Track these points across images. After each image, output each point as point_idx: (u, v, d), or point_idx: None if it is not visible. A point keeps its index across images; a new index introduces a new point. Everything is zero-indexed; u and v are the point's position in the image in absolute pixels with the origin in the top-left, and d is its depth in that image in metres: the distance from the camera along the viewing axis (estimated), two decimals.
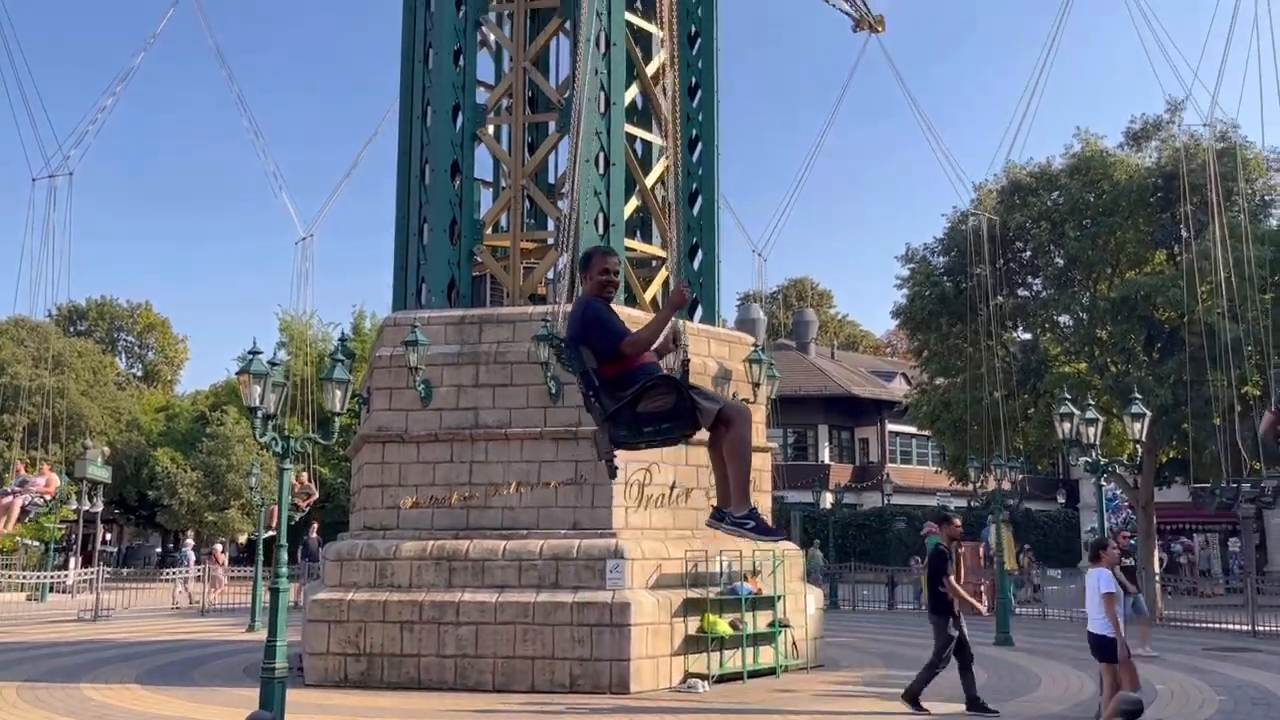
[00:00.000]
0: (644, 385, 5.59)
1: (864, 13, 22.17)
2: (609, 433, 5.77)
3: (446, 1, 15.70)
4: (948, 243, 28.74)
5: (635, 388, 5.57)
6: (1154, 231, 26.13)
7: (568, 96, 15.59)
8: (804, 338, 58.14)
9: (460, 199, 15.61)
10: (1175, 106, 26.66)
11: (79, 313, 63.20)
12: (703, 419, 5.53)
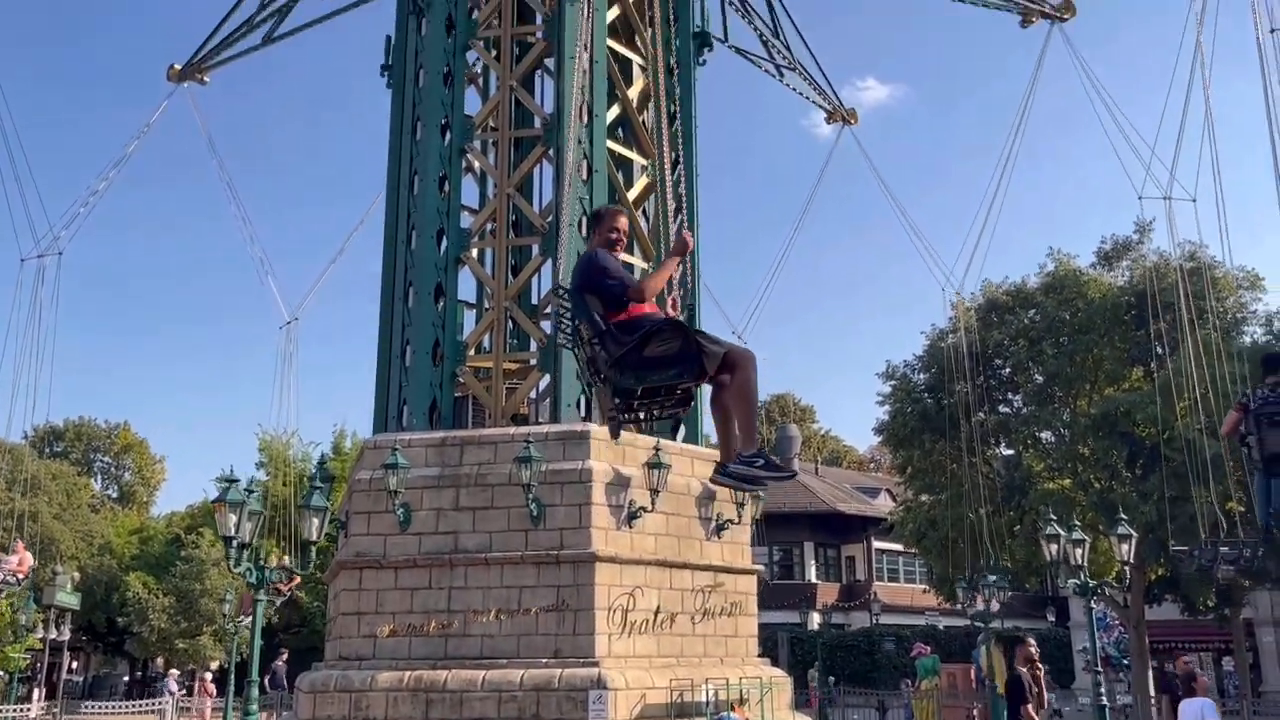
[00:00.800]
0: (651, 328, 5.63)
1: (836, 105, 23.00)
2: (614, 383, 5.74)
3: (432, 130, 16.08)
4: (928, 360, 29.04)
5: (643, 330, 5.61)
6: (1130, 349, 26.49)
7: (551, 221, 15.85)
8: (787, 453, 57.88)
9: (443, 321, 15.68)
10: (1144, 228, 27.40)
11: (56, 434, 62.53)
12: (708, 362, 5.56)
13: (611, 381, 5.78)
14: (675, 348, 5.62)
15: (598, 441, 14.15)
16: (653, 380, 5.72)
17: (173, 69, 21.38)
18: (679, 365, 5.64)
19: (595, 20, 15.83)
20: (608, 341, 5.70)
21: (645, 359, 5.65)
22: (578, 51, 14.02)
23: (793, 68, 21.90)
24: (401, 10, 17.33)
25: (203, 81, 21.58)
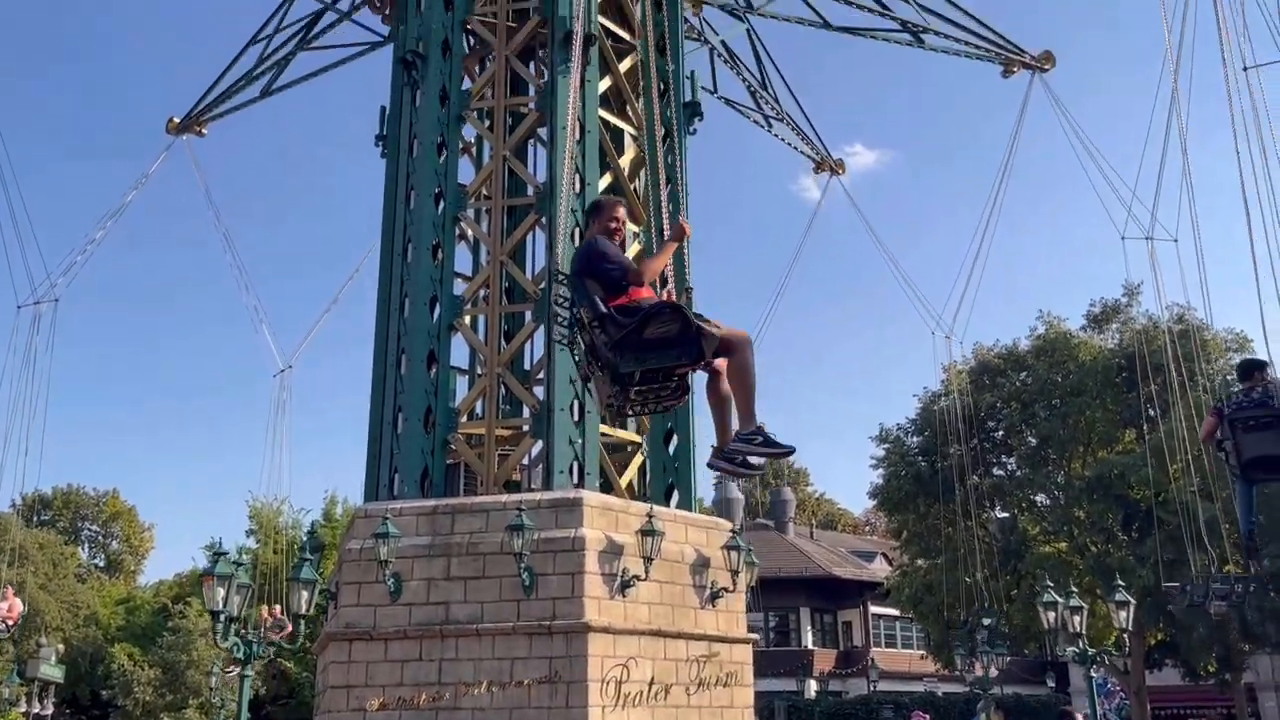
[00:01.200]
0: (651, 310, 5.72)
1: (824, 155, 23.39)
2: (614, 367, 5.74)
3: (426, 199, 16.23)
4: (921, 422, 29.05)
5: (643, 313, 5.67)
6: (1122, 411, 26.55)
7: (544, 287, 15.92)
8: (782, 517, 57.63)
9: (436, 388, 15.66)
10: (1132, 290, 27.64)
11: (44, 502, 61.92)
12: (707, 344, 5.66)
13: (611, 366, 5.83)
14: (675, 330, 5.69)
15: (590, 509, 14.05)
16: (652, 362, 5.75)
17: (171, 122, 21.68)
18: (678, 347, 5.70)
19: (587, 91, 16.09)
20: (608, 325, 5.77)
21: (645, 341, 5.70)
22: (570, 122, 14.22)
23: (780, 118, 22.34)
24: (396, 82, 17.60)
25: (201, 133, 21.89)
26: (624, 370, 5.77)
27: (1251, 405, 10.43)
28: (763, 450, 5.86)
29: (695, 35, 20.60)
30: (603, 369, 5.93)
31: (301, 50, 20.91)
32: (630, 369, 5.77)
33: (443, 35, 16.52)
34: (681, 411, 17.26)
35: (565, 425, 14.74)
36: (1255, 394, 10.50)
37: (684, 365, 5.80)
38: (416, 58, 16.35)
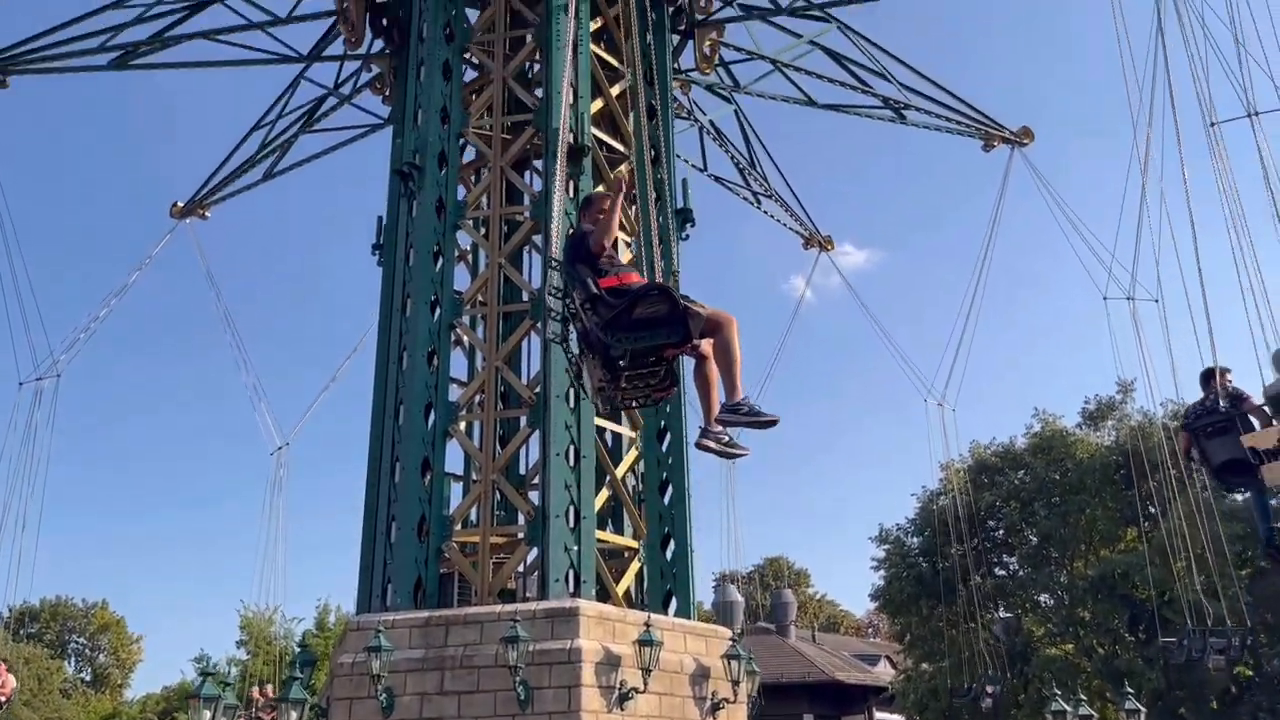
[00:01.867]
0: (640, 291, 6.04)
1: (813, 231, 23.83)
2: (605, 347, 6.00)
3: (422, 306, 16.36)
4: (920, 522, 28.81)
5: (632, 293, 6.00)
6: (1122, 509, 26.36)
7: (538, 392, 15.95)
8: (783, 620, 56.51)
9: (430, 495, 15.54)
10: (1125, 387, 27.73)
11: (31, 614, 60.70)
12: (694, 323, 5.95)
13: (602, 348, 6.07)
14: (663, 310, 5.99)
15: (587, 618, 13.80)
16: (642, 341, 5.99)
17: (175, 206, 22.17)
18: (667, 326, 5.97)
19: (580, 200, 16.37)
20: (599, 305, 6.09)
21: (635, 320, 5.98)
22: (565, 229, 14.42)
23: (769, 195, 22.92)
24: (393, 193, 17.92)
25: (204, 217, 22.37)
26: (615, 350, 5.98)
27: (1205, 413, 10.70)
28: (747, 420, 6.03)
29: (685, 114, 21.25)
30: (595, 353, 6.15)
31: (303, 133, 21.59)
32: (621, 348, 5.98)
33: (439, 147, 16.89)
34: (679, 515, 17.12)
35: (561, 532, 14.60)
36: (1208, 402, 10.75)
37: (672, 344, 6.02)
38: (413, 169, 16.68)
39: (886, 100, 20.60)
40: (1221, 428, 10.62)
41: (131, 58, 20.00)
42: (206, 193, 22.21)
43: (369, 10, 18.97)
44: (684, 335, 5.98)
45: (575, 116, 15.91)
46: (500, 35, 17.76)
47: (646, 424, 17.07)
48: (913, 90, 20.42)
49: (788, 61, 20.69)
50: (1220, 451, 10.60)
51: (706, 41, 19.97)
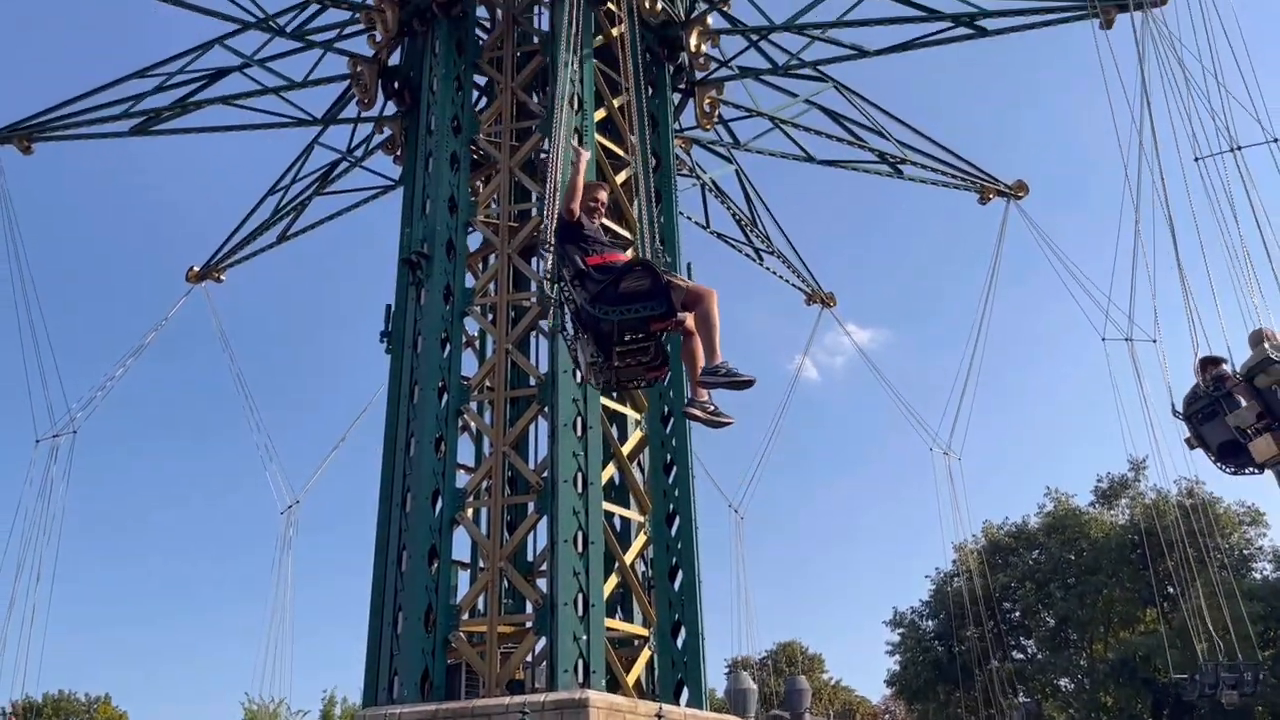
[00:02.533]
0: (625, 267, 6.58)
1: (814, 288, 24.12)
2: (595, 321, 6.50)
3: (429, 393, 16.39)
4: (935, 605, 28.34)
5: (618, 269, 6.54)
6: (1140, 589, 25.96)
7: (546, 477, 15.87)
8: (798, 708, 55.06)
9: (437, 584, 15.36)
10: (1138, 465, 27.52)
11: (34, 709, 59.67)
12: (675, 296, 6.45)
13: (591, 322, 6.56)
14: (647, 284, 6.47)
15: (596, 710, 13.50)
16: (629, 314, 6.47)
17: (191, 271, 22.60)
18: (651, 300, 6.42)
19: None
20: (587, 280, 6.63)
21: (621, 294, 6.46)
22: None
23: (771, 251, 23.29)
24: (401, 281, 18.10)
25: (219, 280, 22.79)
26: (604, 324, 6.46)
27: (1196, 400, 11.19)
28: (725, 380, 6.52)
29: (687, 171, 21.69)
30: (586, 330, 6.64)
31: (317, 196, 22.10)
32: (609, 319, 6.45)
33: (447, 236, 17.11)
34: (689, 601, 16.87)
35: (569, 620, 14.37)
36: (1199, 389, 11.19)
37: (657, 316, 6.46)
38: (421, 258, 16.88)
39: (883, 155, 21.16)
40: (1210, 411, 11.00)
41: (152, 124, 20.67)
42: (221, 257, 22.75)
43: (381, 74, 19.49)
44: (667, 307, 6.41)
45: None
46: (506, 127, 18.13)
47: (655, 508, 16.95)
48: (909, 146, 20.97)
49: (786, 119, 21.33)
50: (1215, 435, 10.97)
51: (706, 99, 20.47)
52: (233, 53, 19.89)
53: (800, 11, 18.97)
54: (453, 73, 18.03)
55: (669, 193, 18.02)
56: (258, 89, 20.07)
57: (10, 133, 20.08)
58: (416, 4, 18.61)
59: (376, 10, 18.77)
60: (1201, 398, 11.20)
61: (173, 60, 20.04)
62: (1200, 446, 11.33)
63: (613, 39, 18.07)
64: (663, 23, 18.66)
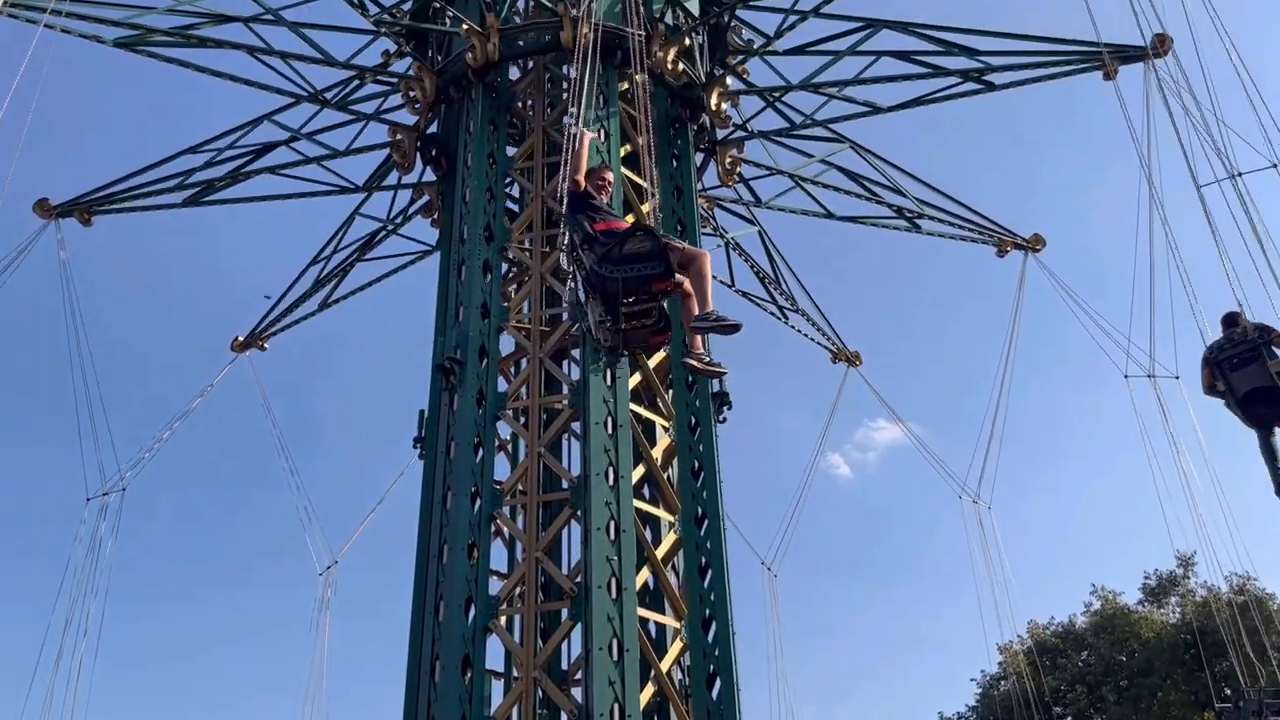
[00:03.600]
0: (628, 231, 7.70)
1: (840, 347, 24.21)
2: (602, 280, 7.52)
3: (462, 499, 16.34)
4: (982, 710, 27.41)
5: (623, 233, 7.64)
6: (1196, 691, 25.03)
7: (579, 582, 15.69)
8: None
9: (470, 694, 15.08)
10: (1186, 561, 26.80)
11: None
12: (672, 255, 7.60)
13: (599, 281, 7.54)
14: (647, 246, 7.54)
15: None
16: (632, 272, 7.46)
17: (236, 340, 23.17)
18: (652, 260, 7.47)
19: (618, 388, 16.59)
20: (595, 244, 7.67)
21: (625, 255, 7.47)
22: (603, 418, 14.58)
23: (796, 309, 23.51)
24: (435, 387, 18.26)
25: (263, 348, 23.34)
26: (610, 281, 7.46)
27: (1230, 345, 11.56)
28: (714, 324, 7.56)
29: (711, 229, 22.07)
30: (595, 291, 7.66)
31: (358, 261, 22.80)
32: (615, 278, 7.46)
33: (480, 342, 17.30)
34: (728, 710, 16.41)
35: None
36: (1234, 335, 11.57)
37: (657, 275, 7.49)
38: (455, 364, 17.05)
39: (900, 211, 21.56)
40: (1247, 358, 11.40)
41: (204, 195, 21.67)
42: (265, 326, 23.43)
43: (419, 140, 20.18)
44: (666, 266, 7.51)
45: None
46: (538, 234, 18.51)
47: (691, 613, 16.66)
48: (926, 203, 21.40)
49: (807, 176, 21.82)
50: (1246, 381, 11.31)
51: (727, 158, 20.98)
52: (280, 127, 21.02)
53: (815, 72, 19.69)
54: (485, 148, 18.52)
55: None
56: (302, 159, 21.15)
57: (72, 206, 21.16)
58: (453, 72, 19.35)
59: (415, 79, 19.59)
60: (1238, 344, 11.53)
61: (224, 136, 21.18)
62: (1222, 393, 11.61)
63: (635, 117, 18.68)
64: (684, 85, 19.21)
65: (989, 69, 18.71)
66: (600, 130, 17.25)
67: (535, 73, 19.60)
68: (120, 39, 18.99)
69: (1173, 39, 15.98)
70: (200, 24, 19.30)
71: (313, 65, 19.97)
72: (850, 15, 19.18)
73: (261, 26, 19.35)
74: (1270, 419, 11.58)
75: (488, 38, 18.39)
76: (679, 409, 17.50)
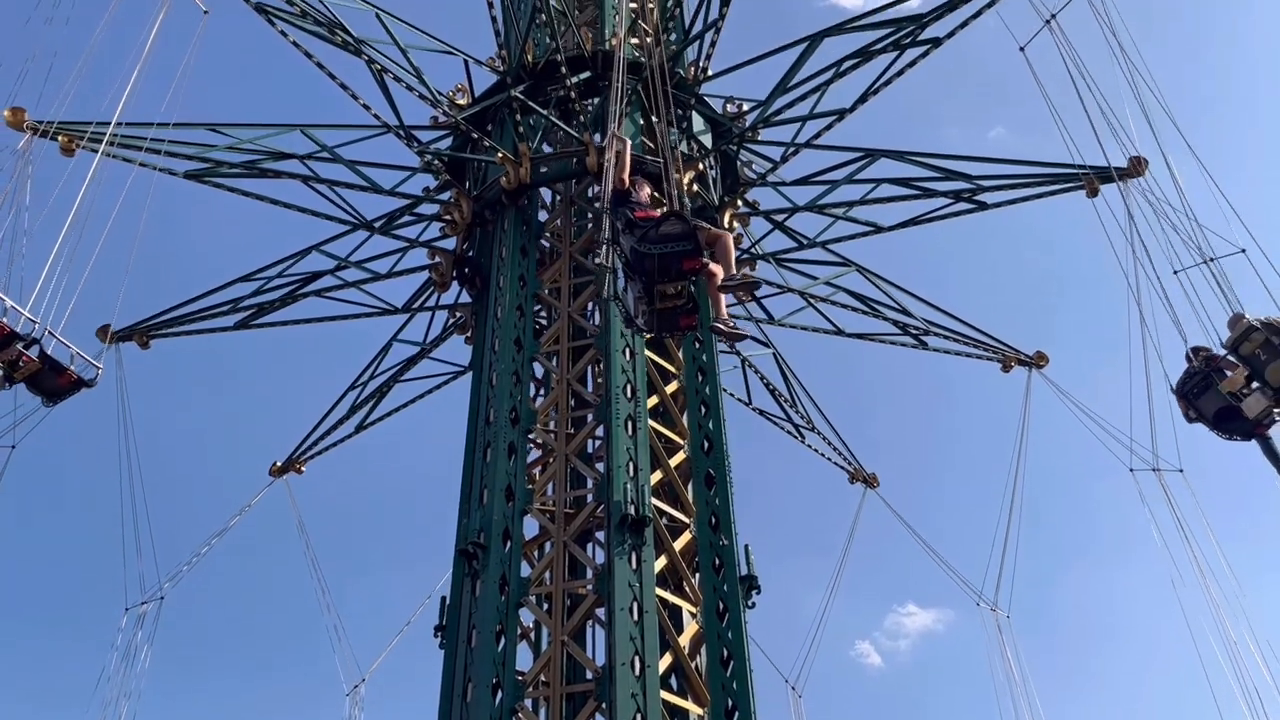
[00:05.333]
0: (663, 215, 9.28)
1: (856, 467, 24.35)
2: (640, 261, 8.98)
3: (483, 690, 15.74)
4: None
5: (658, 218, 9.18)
6: None
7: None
8: None
9: None
10: None
11: None
12: (701, 235, 9.07)
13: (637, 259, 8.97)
14: (679, 227, 9.00)
15: None
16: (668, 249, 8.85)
17: (274, 466, 23.70)
18: (683, 240, 8.85)
19: (644, 571, 16.25)
20: (634, 228, 9.15)
21: (661, 235, 8.87)
22: (628, 603, 14.27)
23: (811, 428, 23.92)
24: (457, 573, 17.96)
25: (300, 471, 23.82)
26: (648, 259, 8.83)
27: (1188, 377, 13.34)
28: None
29: (729, 348, 22.39)
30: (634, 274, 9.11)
31: (395, 383, 23.47)
32: (653, 254, 8.76)
33: (504, 525, 17.11)
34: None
35: None
36: (1191, 369, 13.29)
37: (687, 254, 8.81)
38: (478, 548, 16.82)
39: (905, 328, 22.35)
40: (1204, 385, 13.02)
41: (253, 318, 22.79)
42: (302, 449, 23.92)
43: (456, 262, 21.19)
44: (695, 245, 8.86)
45: (636, 489, 16.21)
46: (563, 415, 18.64)
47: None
48: (933, 323, 22.29)
49: (816, 295, 22.69)
50: (1209, 405, 12.92)
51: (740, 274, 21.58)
52: (328, 256, 22.25)
53: (819, 195, 21.19)
54: (516, 271, 19.19)
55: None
56: (344, 283, 22.44)
57: (132, 331, 22.33)
58: (488, 198, 20.46)
59: (454, 203, 20.89)
60: (1195, 375, 13.19)
61: (275, 265, 22.37)
62: (1198, 419, 13.20)
63: None
64: (699, 207, 20.11)
65: (980, 189, 20.19)
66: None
67: (563, 196, 20.82)
68: (191, 171, 20.67)
69: (1147, 160, 17.24)
70: (260, 159, 20.96)
71: (360, 193, 21.50)
72: (850, 146, 20.82)
73: (314, 162, 21.08)
74: (1247, 429, 12.93)
75: (519, 163, 19.63)
76: (706, 593, 17.08)
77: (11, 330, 13.82)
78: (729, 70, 21.43)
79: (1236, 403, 12.51)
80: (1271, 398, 12.48)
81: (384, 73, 19.96)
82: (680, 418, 18.41)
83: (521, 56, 20.77)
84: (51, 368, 14.32)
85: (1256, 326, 12.67)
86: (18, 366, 13.91)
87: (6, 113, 18.37)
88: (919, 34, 18.56)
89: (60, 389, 14.67)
